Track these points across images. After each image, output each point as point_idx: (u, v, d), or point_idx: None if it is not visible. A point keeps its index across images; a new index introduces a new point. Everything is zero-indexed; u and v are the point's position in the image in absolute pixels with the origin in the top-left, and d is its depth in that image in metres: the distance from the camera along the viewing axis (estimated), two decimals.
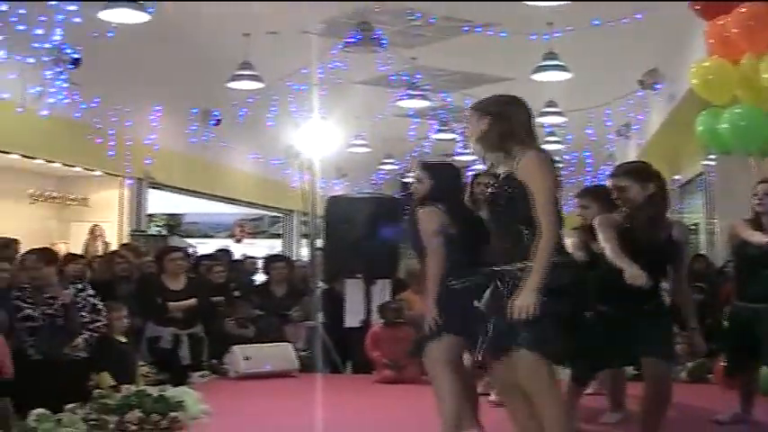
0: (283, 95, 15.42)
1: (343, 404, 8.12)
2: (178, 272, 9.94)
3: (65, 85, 12.17)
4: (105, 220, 16.11)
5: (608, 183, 6.22)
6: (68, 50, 11.73)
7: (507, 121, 4.87)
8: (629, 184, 5.91)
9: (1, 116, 11.86)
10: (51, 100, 12.26)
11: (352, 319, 10.43)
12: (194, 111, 16.25)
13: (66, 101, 12.48)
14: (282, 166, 18.43)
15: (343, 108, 15.02)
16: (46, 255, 8.52)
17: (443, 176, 6.36)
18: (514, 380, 4.75)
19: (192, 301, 9.87)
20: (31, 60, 11.47)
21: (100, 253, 14.29)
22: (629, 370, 7.23)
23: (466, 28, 12.74)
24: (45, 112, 12.28)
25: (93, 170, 15.39)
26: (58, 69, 11.85)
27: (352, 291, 10.51)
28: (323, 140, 12.06)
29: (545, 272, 4.55)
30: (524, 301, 4.52)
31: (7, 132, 12.34)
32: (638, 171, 6.04)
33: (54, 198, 16.17)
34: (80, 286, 8.46)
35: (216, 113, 16.43)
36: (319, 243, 11.22)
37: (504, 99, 5.08)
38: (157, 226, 20.22)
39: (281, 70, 13.75)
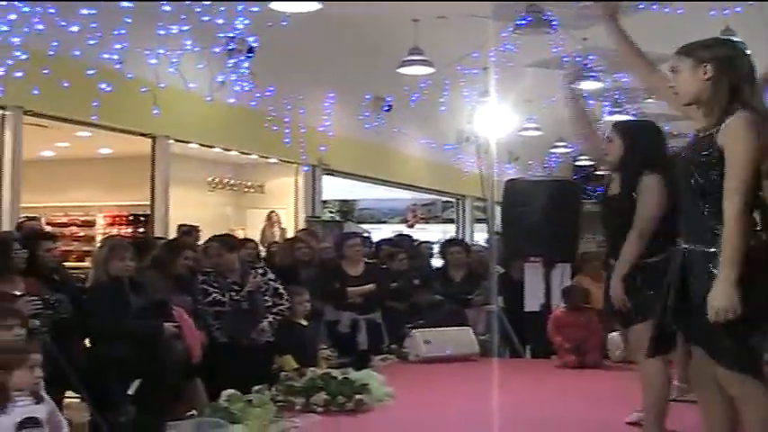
0: (454, 80, 15.35)
1: (523, 389, 8.04)
2: (357, 257, 10.02)
3: (240, 72, 12.37)
4: (281, 206, 16.37)
5: None
6: (247, 40, 11.92)
7: (733, 72, 4.18)
8: None
9: (179, 106, 12.12)
10: (236, 88, 12.50)
11: (531, 303, 10.32)
12: (367, 97, 16.32)
13: (246, 89, 12.68)
14: (455, 150, 18.39)
15: (515, 91, 14.84)
16: (228, 241, 8.69)
17: (645, 137, 5.80)
18: (712, 373, 4.25)
19: (371, 286, 9.93)
20: (217, 50, 11.72)
21: (277, 239, 14.52)
22: None
23: (641, 5, 12.42)
24: (232, 100, 12.56)
25: (268, 157, 15.63)
26: (237, 59, 12.06)
27: (532, 275, 10.40)
28: (498, 124, 11.94)
29: (739, 260, 3.95)
30: (723, 302, 3.94)
31: (186, 122, 12.63)
32: None
33: (231, 185, 16.52)
34: (261, 271, 8.58)
35: (388, 99, 16.47)
36: (497, 227, 11.13)
37: (727, 44, 4.44)
38: (331, 212, 20.44)
39: (451, 55, 13.68)
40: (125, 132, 12.41)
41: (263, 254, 11.35)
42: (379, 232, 17.64)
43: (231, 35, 11.59)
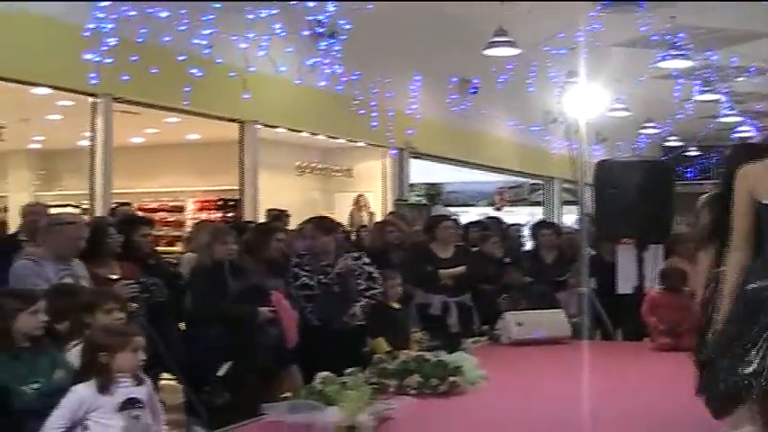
0: (541, 61, 15.23)
1: (616, 371, 7.95)
2: (449, 240, 9.97)
3: (329, 56, 12.41)
4: (368, 190, 16.42)
5: None
6: (337, 23, 11.95)
7: None
8: None
9: (266, 91, 12.18)
10: (327, 71, 12.53)
11: (624, 285, 10.18)
12: (453, 79, 16.26)
13: (335, 73, 12.71)
14: (542, 132, 18.26)
15: (602, 71, 14.67)
16: (324, 224, 8.70)
17: None
18: None
19: (462, 268, 9.88)
20: (305, 33, 11.77)
21: (365, 223, 14.55)
22: None
23: None
24: (324, 83, 12.60)
25: (356, 141, 15.66)
26: (326, 42, 12.09)
27: (624, 256, 10.26)
28: (587, 104, 11.80)
29: None
30: None
31: (274, 107, 12.70)
32: None
33: (319, 170, 16.58)
34: (356, 255, 8.60)
35: (475, 81, 16.39)
36: (587, 209, 11.01)
37: None
38: (418, 195, 20.42)
39: (538, 35, 13.57)
40: (213, 118, 12.53)
41: (352, 238, 11.38)
42: (466, 215, 17.56)
43: (320, 18, 11.61)
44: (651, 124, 21.90)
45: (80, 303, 5.58)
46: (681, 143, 24.49)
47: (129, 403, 4.58)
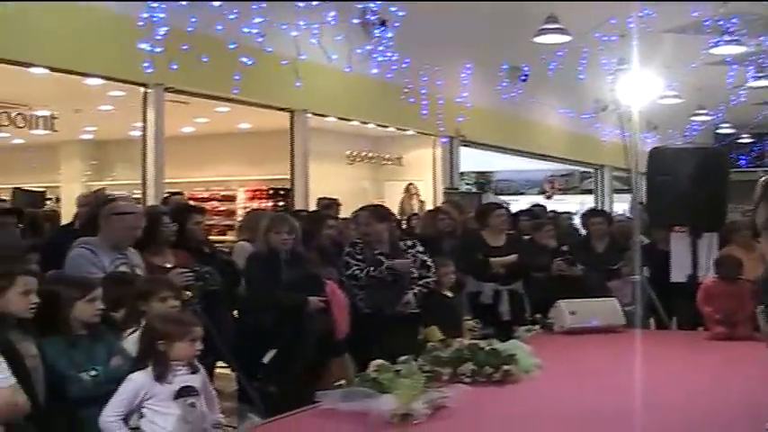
0: (593, 48, 15.12)
1: (671, 360, 7.85)
2: (501, 228, 9.94)
3: (380, 44, 12.39)
4: (419, 178, 16.40)
5: None
6: (388, 11, 11.94)
7: None
8: None
9: (316, 80, 12.19)
10: (380, 58, 12.52)
11: (677, 273, 10.08)
12: (504, 67, 16.19)
13: (385, 61, 12.70)
14: (593, 120, 18.13)
15: (654, 58, 14.54)
16: (379, 211, 8.69)
17: None
18: None
19: (514, 256, 9.85)
20: (356, 21, 11.76)
21: (415, 211, 14.53)
22: None
23: None
24: (375, 71, 12.58)
25: (406, 130, 15.63)
26: (377, 30, 12.08)
27: (678, 245, 10.16)
28: (639, 92, 11.70)
29: None
30: None
31: (324, 96, 12.71)
32: None
33: (369, 158, 16.56)
34: (410, 243, 8.58)
35: (525, 69, 16.30)
36: (640, 197, 10.92)
37: None
38: (467, 184, 20.39)
39: (589, 22, 13.47)
40: (264, 107, 12.56)
41: (402, 226, 11.38)
42: (515, 204, 17.50)
43: (371, 6, 11.60)
44: (703, 111, 21.66)
45: (136, 291, 5.62)
46: (733, 130, 24.25)
47: (185, 391, 4.61)
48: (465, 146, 16.60)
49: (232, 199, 17.33)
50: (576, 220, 13.28)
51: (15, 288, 4.70)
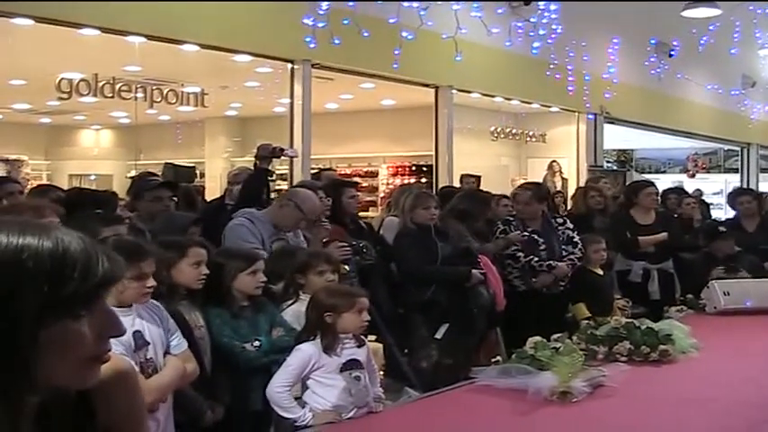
0: (746, 21, 14.71)
1: None
2: (652, 206, 9.77)
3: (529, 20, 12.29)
4: (562, 155, 16.22)
5: None
6: None
7: None
8: None
9: (463, 56, 12.12)
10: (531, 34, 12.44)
11: None
12: (652, 42, 15.87)
13: (537, 34, 12.60)
14: (741, 96, 17.66)
15: None
16: (539, 191, 8.69)
17: None
18: None
19: (663, 235, 9.66)
20: None
21: (558, 188, 14.39)
22: None
23: None
24: (519, 47, 12.48)
25: (550, 106, 15.47)
26: (519, 6, 11.98)
27: None
28: None
29: None
30: None
31: (468, 72, 12.63)
32: None
33: (513, 135, 16.44)
34: (560, 220, 8.57)
35: (675, 44, 15.95)
36: None
37: None
38: (608, 161, 20.10)
39: None
40: (409, 83, 12.55)
41: None
42: (657, 182, 17.17)
43: None
44: None
45: (295, 265, 5.67)
46: None
47: (351, 364, 4.63)
48: (609, 123, 16.35)
49: (374, 175, 17.44)
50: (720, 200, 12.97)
51: (187, 259, 4.79)
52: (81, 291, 1.56)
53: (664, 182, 17.69)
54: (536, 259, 8.23)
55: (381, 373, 5.30)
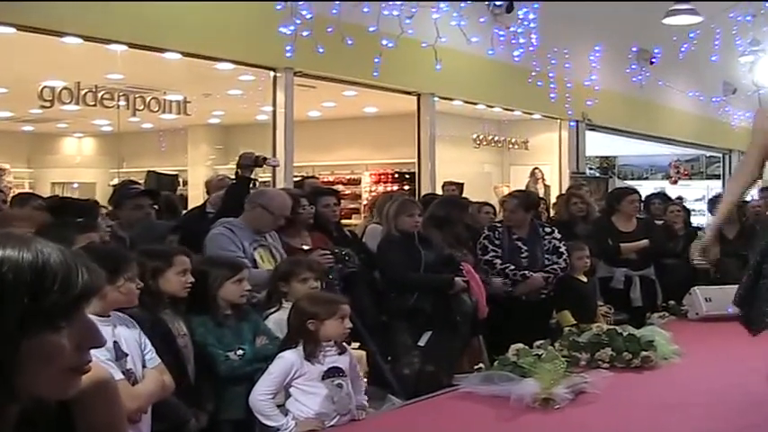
0: (726, 29, 14.78)
1: None
2: (633, 213, 9.81)
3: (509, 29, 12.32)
4: (544, 162, 16.26)
5: None
6: None
7: None
8: None
9: (444, 64, 12.14)
10: (513, 42, 12.46)
11: None
12: (634, 50, 15.94)
13: (517, 42, 12.62)
14: (722, 103, 17.73)
15: None
16: (528, 200, 8.74)
17: None
18: None
19: (644, 242, 9.70)
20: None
21: (541, 195, 14.42)
22: None
23: None
24: (500, 55, 12.49)
25: (532, 113, 15.51)
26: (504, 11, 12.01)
27: None
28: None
29: None
30: None
31: (450, 79, 12.64)
32: None
33: (496, 142, 16.47)
34: (548, 229, 8.62)
35: (656, 51, 16.02)
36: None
37: None
38: (591, 168, 20.15)
39: (722, 3, 13.18)
40: (391, 91, 12.56)
41: None
42: (640, 189, 17.23)
43: None
44: None
45: (278, 273, 5.68)
46: None
47: (333, 372, 4.65)
48: (591, 130, 16.40)
49: (357, 182, 17.45)
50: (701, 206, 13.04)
51: (174, 268, 4.79)
52: (61, 302, 1.56)
53: (646, 188, 17.70)
54: (512, 267, 8.23)
55: (365, 381, 5.29)
